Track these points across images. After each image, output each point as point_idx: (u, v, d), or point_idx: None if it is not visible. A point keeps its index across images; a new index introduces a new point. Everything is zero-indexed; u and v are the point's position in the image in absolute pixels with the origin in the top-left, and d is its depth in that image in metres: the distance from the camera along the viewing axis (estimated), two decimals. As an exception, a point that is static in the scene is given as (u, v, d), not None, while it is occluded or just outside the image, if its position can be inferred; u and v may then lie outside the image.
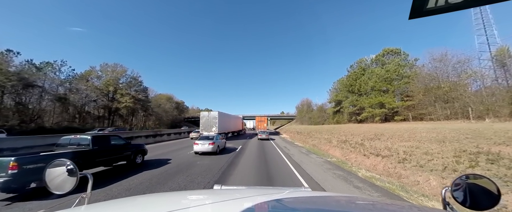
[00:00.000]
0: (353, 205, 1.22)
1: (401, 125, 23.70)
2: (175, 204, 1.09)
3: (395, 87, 27.64)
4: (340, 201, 1.35)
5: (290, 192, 1.45)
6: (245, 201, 1.18)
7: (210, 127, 25.40)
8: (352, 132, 25.01)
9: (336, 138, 24.81)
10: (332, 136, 26.64)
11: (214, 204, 1.13)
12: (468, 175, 1.05)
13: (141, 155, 9.49)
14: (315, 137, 30.44)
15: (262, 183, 6.87)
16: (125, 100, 43.71)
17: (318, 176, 7.98)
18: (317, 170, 9.35)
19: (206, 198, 1.39)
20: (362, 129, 25.21)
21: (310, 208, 1.10)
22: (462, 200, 1.01)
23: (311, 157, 14.19)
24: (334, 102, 53.25)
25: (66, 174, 1.13)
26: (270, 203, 1.14)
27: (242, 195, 1.40)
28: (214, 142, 12.74)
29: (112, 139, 8.05)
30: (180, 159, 11.18)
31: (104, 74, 44.57)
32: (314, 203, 1.19)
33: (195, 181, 6.80)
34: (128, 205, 1.16)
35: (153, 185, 6.36)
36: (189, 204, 1.15)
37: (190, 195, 1.53)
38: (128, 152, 8.59)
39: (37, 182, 5.16)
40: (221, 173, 7.99)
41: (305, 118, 67.98)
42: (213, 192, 1.56)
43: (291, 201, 1.25)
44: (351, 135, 23.96)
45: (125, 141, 8.73)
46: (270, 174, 8.19)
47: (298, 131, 43.43)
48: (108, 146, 7.67)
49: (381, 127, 24.94)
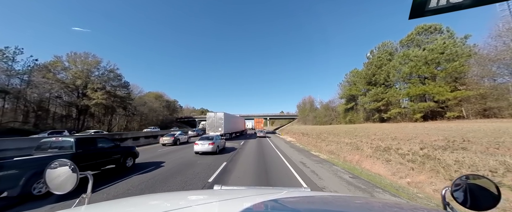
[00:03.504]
0: (352, 205, 1.22)
1: (467, 124, 15.77)
2: (175, 204, 1.11)
3: (448, 71, 19.59)
4: (339, 201, 1.33)
5: (290, 192, 1.45)
6: (245, 201, 1.16)
7: (216, 128, 25.58)
8: (388, 135, 17.18)
9: (366, 144, 17.08)
10: (357, 139, 19.11)
11: (214, 204, 1.12)
12: (468, 176, 1.05)
13: (132, 158, 9.10)
14: (330, 140, 22.56)
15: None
16: (97, 96, 36.19)
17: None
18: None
19: (206, 198, 1.34)
20: (406, 130, 17.35)
21: (310, 208, 1.12)
22: (462, 200, 1.01)
23: (376, 191, 6.47)
24: (345, 98, 45.66)
25: (66, 174, 1.13)
26: (270, 203, 1.14)
27: (242, 195, 1.35)
28: (213, 142, 12.62)
29: (99, 142, 7.67)
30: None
31: (72, 65, 37.08)
32: (314, 203, 1.20)
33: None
34: (128, 205, 1.17)
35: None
36: (189, 204, 1.13)
37: (190, 195, 1.52)
38: (117, 155, 8.24)
39: (9, 191, 4.72)
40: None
41: (309, 117, 62.12)
42: (213, 192, 1.50)
43: (291, 201, 1.24)
44: (392, 139, 16.07)
45: (113, 143, 8.41)
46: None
47: (303, 132, 36.48)
48: (94, 149, 7.28)
49: (432, 127, 17.00)
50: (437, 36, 24.14)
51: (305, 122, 62.37)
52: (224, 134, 25.16)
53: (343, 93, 44.97)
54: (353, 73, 42.62)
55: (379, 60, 29.43)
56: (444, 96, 19.41)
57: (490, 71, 18.86)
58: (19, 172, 4.81)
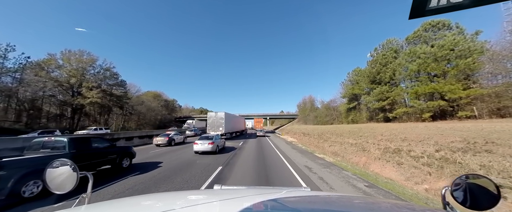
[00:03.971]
0: (352, 205, 1.21)
1: (488, 124, 14.62)
2: (175, 204, 1.10)
3: (460, 68, 18.42)
4: (339, 201, 1.32)
5: (290, 192, 1.44)
6: (245, 200, 1.16)
7: (217, 127, 25.53)
8: (396, 135, 16.18)
9: (373, 145, 16.14)
10: (362, 140, 18.11)
11: (214, 204, 1.11)
12: (468, 175, 1.03)
13: (128, 158, 8.79)
14: (333, 141, 21.56)
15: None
16: (92, 95, 35.05)
17: None
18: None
19: (206, 197, 1.33)
20: (416, 130, 16.26)
21: (310, 208, 1.11)
22: (462, 200, 1.00)
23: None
24: (347, 98, 44.64)
25: (66, 174, 1.12)
26: (269, 203, 1.14)
27: (242, 195, 1.34)
28: (213, 142, 12.52)
29: (93, 141, 7.37)
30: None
31: (67, 63, 35.94)
32: (314, 203, 1.20)
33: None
34: (129, 205, 1.16)
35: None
36: (189, 204, 1.13)
37: (190, 195, 1.50)
38: (113, 155, 7.96)
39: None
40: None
41: (310, 117, 61.35)
42: (213, 192, 1.49)
43: (291, 200, 1.23)
44: (402, 140, 15.10)
45: (109, 143, 8.11)
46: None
47: (304, 132, 35.48)
48: (88, 149, 7.01)
49: (446, 127, 15.89)
50: (446, 33, 23.01)
51: (306, 122, 61.50)
52: (224, 133, 25.28)
53: (346, 92, 43.87)
54: (356, 72, 41.49)
55: (384, 58, 28.29)
56: (457, 94, 18.27)
57: (504, 68, 17.76)
58: (7, 173, 4.62)
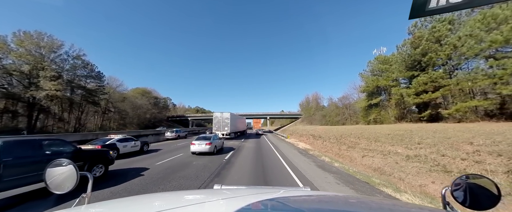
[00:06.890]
0: (352, 205, 1.20)
1: None
2: (175, 203, 1.09)
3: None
4: (339, 201, 1.32)
5: (290, 192, 1.44)
6: (245, 200, 1.15)
7: (222, 127, 26.13)
8: (498, 143, 7.85)
9: (461, 161, 7.66)
10: (427, 150, 11.33)
11: (214, 203, 1.10)
12: (468, 175, 1.02)
13: (103, 165, 6.88)
14: (363, 148, 15.63)
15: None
16: (48, 86, 27.72)
17: None
18: None
19: (206, 197, 1.33)
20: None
21: (310, 207, 1.10)
22: (462, 200, 0.99)
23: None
24: (367, 93, 36.76)
25: (66, 174, 1.11)
26: (269, 203, 1.13)
27: (242, 194, 1.33)
28: (211, 142, 12.18)
29: (45, 145, 5.35)
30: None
31: (19, 47, 28.69)
32: (314, 203, 1.20)
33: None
34: (129, 204, 1.16)
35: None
36: (189, 203, 1.12)
37: (190, 194, 1.51)
38: (79, 163, 6.10)
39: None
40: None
41: (316, 116, 55.01)
42: (213, 191, 1.49)
43: (291, 200, 1.23)
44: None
45: (73, 147, 6.14)
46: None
47: (313, 134, 27.94)
48: (35, 155, 4.99)
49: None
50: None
51: (311, 122, 55.14)
52: (229, 133, 26.16)
53: (365, 86, 35.80)
54: (381, 60, 33.47)
55: (434, 32, 20.30)
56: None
57: None
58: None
